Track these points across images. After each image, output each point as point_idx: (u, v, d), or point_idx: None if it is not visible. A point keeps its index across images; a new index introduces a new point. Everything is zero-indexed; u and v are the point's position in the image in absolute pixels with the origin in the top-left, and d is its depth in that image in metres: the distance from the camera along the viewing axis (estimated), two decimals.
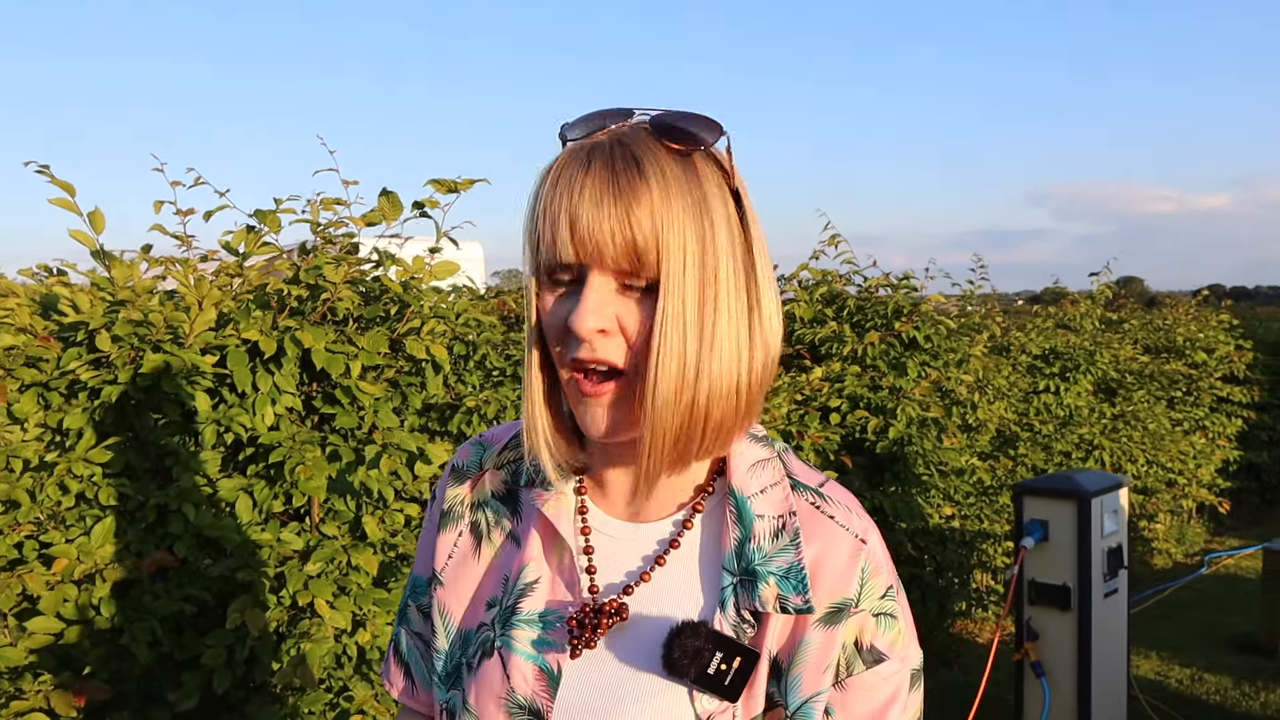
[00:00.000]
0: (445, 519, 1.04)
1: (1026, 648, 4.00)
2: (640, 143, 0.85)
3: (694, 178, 0.85)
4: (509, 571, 0.98)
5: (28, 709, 2.01)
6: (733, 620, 0.89)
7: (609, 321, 0.84)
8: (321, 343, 2.36)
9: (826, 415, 4.25)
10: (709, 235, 0.85)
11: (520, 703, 0.91)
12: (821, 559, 0.91)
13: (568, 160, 0.86)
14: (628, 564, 0.95)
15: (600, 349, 0.85)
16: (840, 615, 0.90)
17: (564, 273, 0.86)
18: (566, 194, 0.83)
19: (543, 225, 0.85)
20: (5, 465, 2.14)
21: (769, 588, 0.89)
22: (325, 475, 2.36)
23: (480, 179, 2.59)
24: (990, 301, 7.25)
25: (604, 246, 0.82)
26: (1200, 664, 5.21)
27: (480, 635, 0.97)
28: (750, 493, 0.93)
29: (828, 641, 0.90)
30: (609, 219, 0.82)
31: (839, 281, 4.95)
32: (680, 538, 0.94)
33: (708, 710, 0.88)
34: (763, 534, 0.91)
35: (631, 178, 0.83)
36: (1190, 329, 8.45)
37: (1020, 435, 5.95)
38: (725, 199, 0.87)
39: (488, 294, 5.15)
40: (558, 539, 0.96)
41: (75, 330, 2.25)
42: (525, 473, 1.01)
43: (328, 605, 2.29)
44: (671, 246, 0.83)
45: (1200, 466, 7.69)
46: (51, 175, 2.18)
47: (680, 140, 0.86)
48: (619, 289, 0.85)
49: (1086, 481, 3.94)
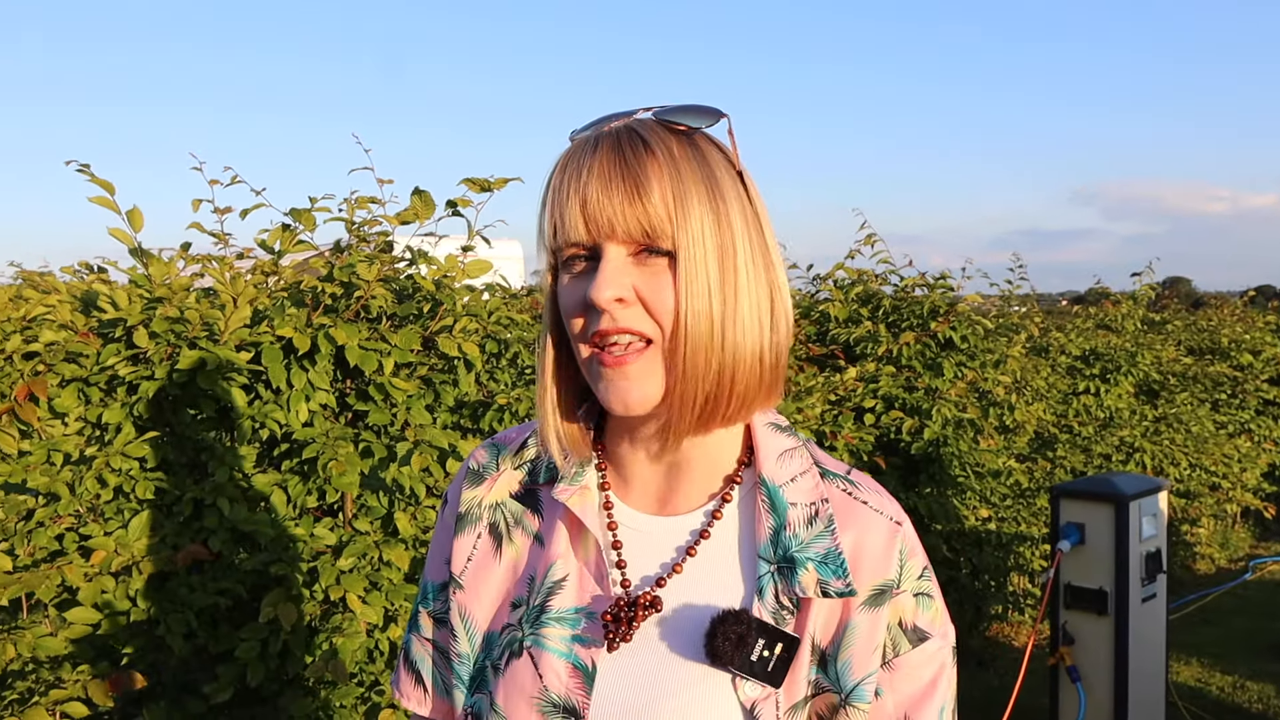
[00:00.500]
0: (462, 521, 1.03)
1: (1062, 652, 3.96)
2: (645, 126, 0.88)
3: (700, 156, 0.88)
4: (534, 571, 0.97)
5: (66, 698, 2.05)
6: (772, 607, 0.90)
7: (627, 291, 0.85)
8: (355, 340, 2.39)
9: (861, 416, 4.22)
10: (721, 207, 0.87)
11: (555, 701, 0.91)
12: (860, 543, 0.93)
13: (575, 149, 0.88)
14: (658, 556, 0.95)
15: (621, 318, 0.86)
16: (883, 597, 0.92)
17: (578, 254, 0.87)
18: (574, 177, 0.85)
19: (553, 210, 0.87)
20: (46, 459, 2.18)
21: (808, 573, 0.90)
22: (358, 471, 2.38)
23: (514, 178, 2.60)
24: (1029, 302, 7.18)
25: (615, 220, 0.84)
26: (1242, 671, 5.12)
27: (506, 636, 0.96)
28: (781, 481, 0.94)
29: (874, 624, 0.91)
30: (619, 194, 0.84)
31: (875, 281, 4.92)
32: (710, 528, 0.94)
33: (750, 697, 0.89)
34: (797, 521, 0.92)
35: (639, 154, 0.85)
36: (1235, 330, 8.31)
37: (1059, 437, 5.88)
38: (733, 178, 0.90)
39: (521, 292, 5.18)
40: (584, 534, 0.96)
41: (114, 327, 2.29)
42: (544, 470, 1.00)
43: (360, 600, 2.31)
44: (685, 216, 0.85)
45: (1245, 470, 7.55)
46: (92, 174, 2.22)
47: (684, 122, 0.89)
48: (634, 261, 0.86)
49: (1124, 484, 3.88)
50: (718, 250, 0.86)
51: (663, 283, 0.86)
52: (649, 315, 0.86)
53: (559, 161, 0.89)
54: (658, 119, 0.89)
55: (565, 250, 0.88)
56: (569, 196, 0.85)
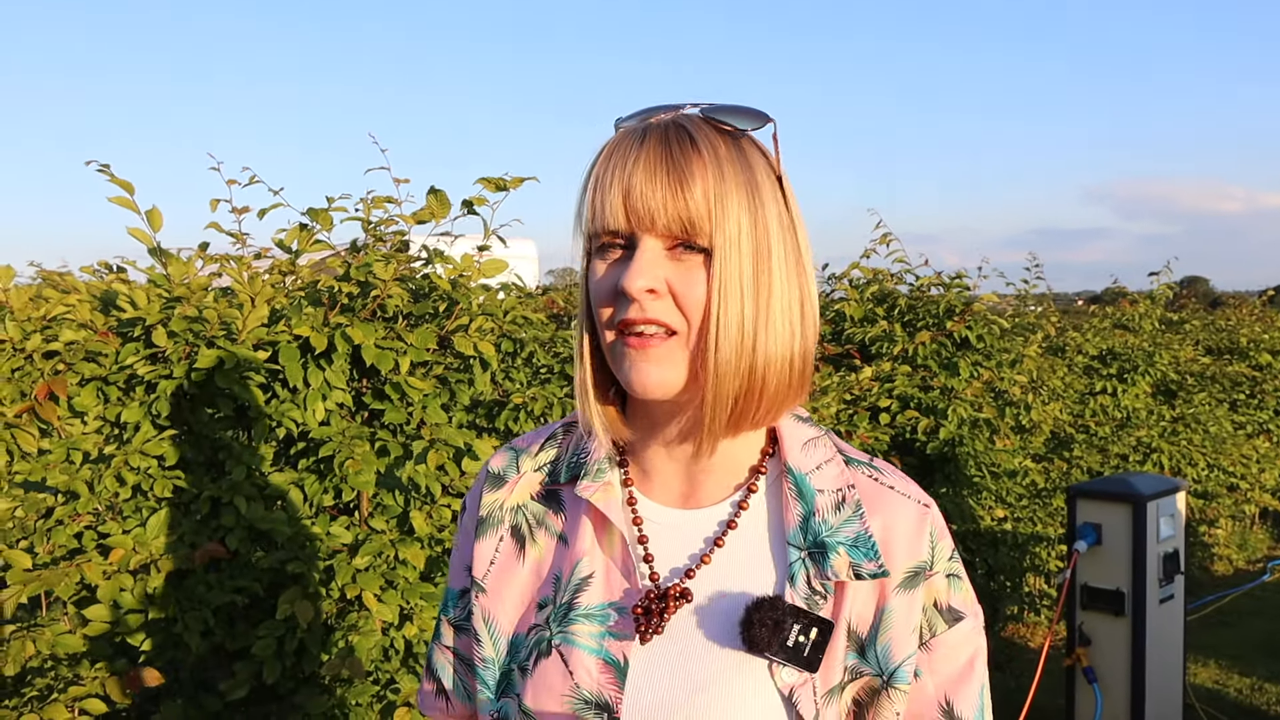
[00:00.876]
0: (483, 525, 1.03)
1: (1078, 653, 3.94)
2: (693, 123, 0.89)
3: (744, 159, 0.89)
4: (560, 570, 0.97)
5: (85, 694, 2.07)
6: (804, 593, 0.91)
7: (659, 283, 0.87)
8: (371, 339, 2.39)
9: (876, 415, 4.21)
10: (759, 211, 0.88)
11: (586, 698, 0.91)
12: (890, 527, 0.94)
13: (622, 137, 0.89)
14: (686, 548, 0.95)
15: (649, 309, 0.87)
16: (917, 579, 0.93)
17: (614, 241, 0.89)
18: (620, 166, 0.87)
19: (594, 196, 0.88)
20: (66, 457, 2.20)
21: (840, 557, 0.91)
22: (374, 470, 2.39)
23: (529, 177, 2.61)
24: (1045, 301, 7.14)
25: (656, 213, 0.85)
26: (1261, 673, 5.09)
27: (532, 637, 0.96)
28: (807, 469, 0.95)
29: (910, 606, 0.92)
30: (662, 188, 0.85)
31: (890, 280, 4.91)
32: (737, 518, 0.95)
33: (788, 684, 0.89)
34: (825, 508, 0.93)
35: (685, 150, 0.86)
36: (1254, 330, 8.26)
37: (1075, 437, 5.85)
38: (773, 183, 0.91)
39: (537, 292, 5.19)
40: (609, 530, 0.96)
41: (133, 326, 2.30)
42: (565, 470, 1.01)
43: (375, 599, 2.32)
44: (724, 216, 0.86)
45: (1264, 471, 7.51)
46: (112, 174, 2.23)
47: (731, 123, 0.90)
48: (669, 254, 0.87)
49: (1142, 484, 3.87)
50: (753, 252, 0.87)
51: (695, 278, 0.87)
52: (677, 308, 0.87)
53: (604, 149, 0.90)
54: (705, 117, 0.90)
55: (602, 237, 0.89)
56: (612, 185, 0.87)
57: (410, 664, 2.53)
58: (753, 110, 0.91)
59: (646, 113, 0.92)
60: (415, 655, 2.52)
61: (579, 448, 1.01)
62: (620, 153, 0.88)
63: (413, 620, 2.43)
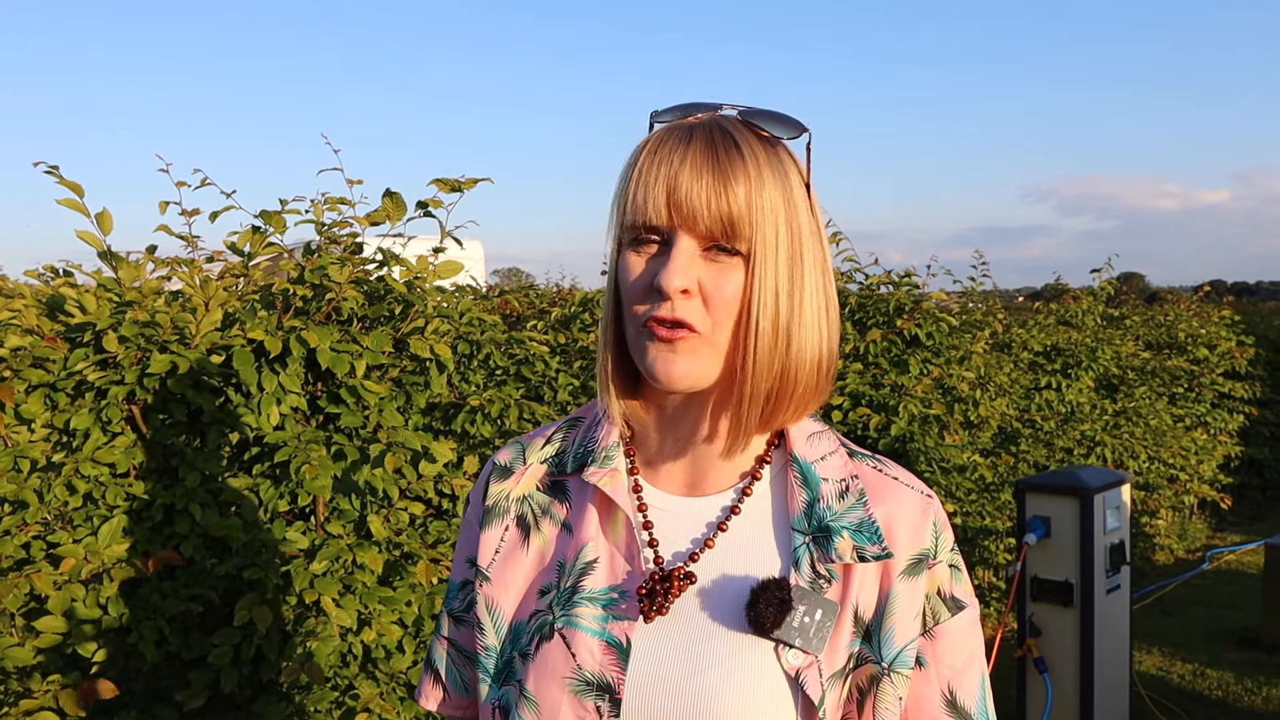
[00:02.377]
0: (489, 515, 1.04)
1: (1029, 644, 4.01)
2: (734, 126, 0.91)
3: (780, 165, 0.92)
4: (564, 556, 0.98)
5: (37, 708, 2.02)
6: (809, 577, 0.92)
7: (692, 283, 0.89)
8: (326, 342, 2.37)
9: (828, 413, 4.26)
10: (794, 217, 0.91)
11: (588, 679, 0.91)
12: (894, 515, 0.96)
13: (667, 135, 0.91)
14: (690, 533, 0.97)
15: (680, 308, 0.89)
16: (920, 566, 0.95)
17: (652, 236, 0.91)
18: (666, 163, 0.88)
19: (636, 190, 0.90)
20: (13, 466, 2.15)
21: (844, 541, 0.93)
22: (330, 474, 2.37)
23: (484, 178, 2.60)
24: (991, 298, 7.26)
25: (698, 213, 0.88)
26: (1202, 660, 5.22)
27: (535, 623, 0.97)
28: (812, 459, 0.98)
29: (913, 592, 0.94)
30: (706, 189, 0.87)
31: (841, 279, 4.96)
32: (741, 504, 0.97)
33: (793, 665, 0.90)
34: (830, 495, 0.96)
35: (730, 154, 0.89)
36: (1192, 325, 8.45)
37: (1022, 432, 5.95)
38: (803, 191, 0.94)
39: (490, 293, 5.16)
40: (615, 516, 0.98)
41: (82, 331, 2.26)
42: (572, 460, 1.02)
43: (334, 603, 2.30)
44: (763, 221, 0.89)
45: (1202, 462, 7.69)
46: (60, 176, 2.19)
47: (770, 129, 0.93)
48: (704, 255, 0.90)
49: (1089, 478, 3.95)
50: (789, 257, 0.90)
51: (726, 280, 0.89)
52: (706, 309, 0.90)
53: (648, 144, 0.91)
54: (745, 121, 0.93)
55: (640, 230, 0.91)
56: (657, 180, 0.89)
57: (369, 669, 2.51)
58: (791, 119, 0.94)
59: (685, 109, 0.94)
60: (374, 660, 2.50)
61: (586, 438, 1.03)
62: (666, 149, 0.90)
63: (371, 625, 2.41)
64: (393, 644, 2.46)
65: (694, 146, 0.89)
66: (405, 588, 2.48)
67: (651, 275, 0.90)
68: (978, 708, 0.96)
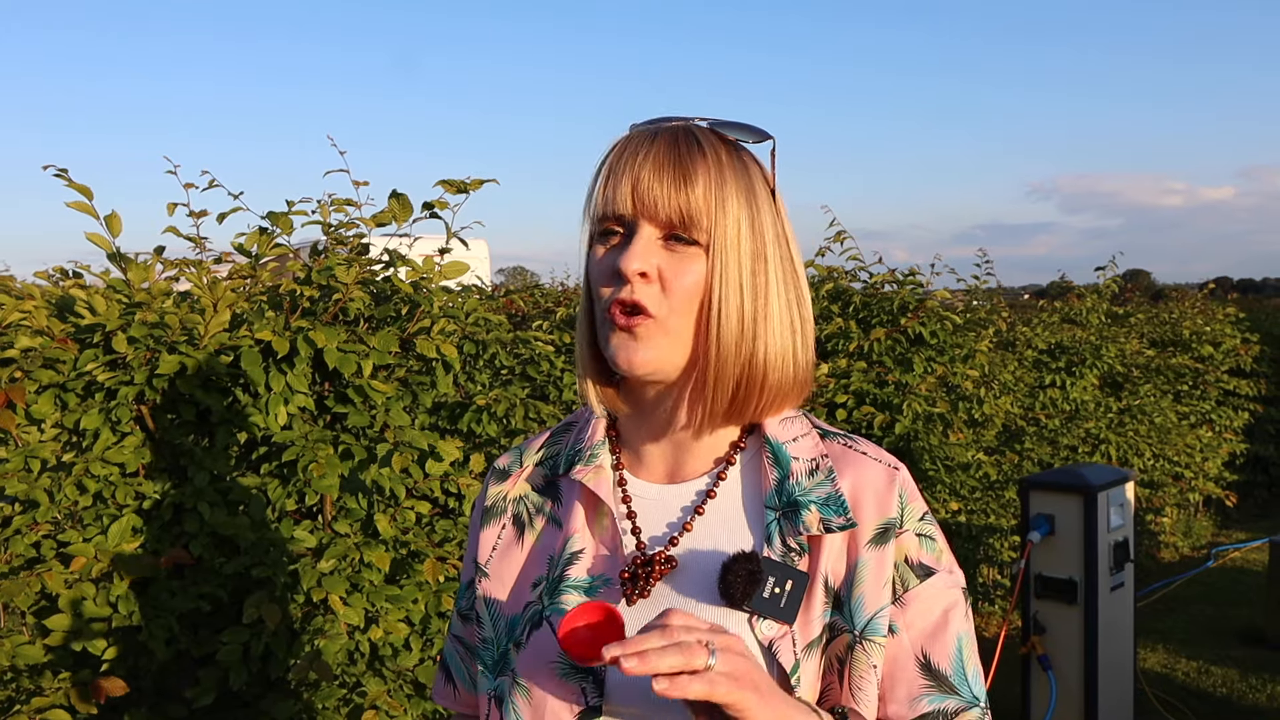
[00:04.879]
0: (488, 515, 1.10)
1: (1033, 641, 4.02)
2: (701, 132, 0.97)
3: (743, 167, 0.97)
4: (553, 550, 1.03)
5: (48, 705, 2.05)
6: (780, 551, 0.96)
7: (651, 268, 0.93)
8: (333, 342, 2.39)
9: (833, 411, 4.27)
10: (756, 215, 0.96)
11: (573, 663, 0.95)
12: (859, 485, 0.99)
13: (635, 136, 0.97)
14: (669, 519, 1.01)
15: (638, 291, 0.93)
16: (888, 535, 0.97)
17: (617, 228, 0.96)
18: (631, 159, 0.94)
19: (606, 185, 0.96)
20: (23, 465, 2.17)
21: (811, 514, 0.96)
22: (337, 473, 2.39)
23: (489, 179, 2.61)
24: (996, 296, 7.25)
25: (659, 202, 0.93)
26: (1207, 657, 5.23)
27: (527, 614, 1.01)
28: (784, 440, 1.01)
29: (881, 560, 0.97)
30: (668, 181, 0.93)
31: (845, 278, 4.97)
32: (716, 488, 1.01)
33: (768, 636, 0.93)
34: (800, 473, 0.99)
35: (692, 151, 0.94)
36: (1197, 322, 8.43)
37: (1026, 430, 5.96)
38: (768, 193, 0.98)
39: (495, 292, 5.18)
40: (600, 510, 1.02)
41: (92, 332, 2.28)
42: (564, 461, 1.07)
43: (341, 602, 2.32)
44: (723, 214, 0.93)
45: (1207, 460, 7.68)
46: (69, 179, 2.21)
47: (733, 135, 0.99)
48: (664, 244, 0.94)
49: (1093, 475, 3.95)
50: (751, 250, 0.95)
51: (686, 269, 0.94)
52: (663, 294, 0.94)
53: (617, 145, 0.98)
54: (712, 127, 0.98)
55: (606, 223, 0.96)
56: (622, 175, 0.94)
57: (376, 666, 2.53)
58: (754, 127, 0.99)
59: (659, 120, 0.99)
60: (381, 658, 2.52)
61: (576, 439, 1.08)
62: (632, 148, 0.95)
63: (378, 623, 2.43)
64: (400, 642, 2.48)
65: (658, 145, 0.95)
66: (412, 586, 2.50)
67: (613, 261, 0.95)
68: (954, 668, 0.97)
